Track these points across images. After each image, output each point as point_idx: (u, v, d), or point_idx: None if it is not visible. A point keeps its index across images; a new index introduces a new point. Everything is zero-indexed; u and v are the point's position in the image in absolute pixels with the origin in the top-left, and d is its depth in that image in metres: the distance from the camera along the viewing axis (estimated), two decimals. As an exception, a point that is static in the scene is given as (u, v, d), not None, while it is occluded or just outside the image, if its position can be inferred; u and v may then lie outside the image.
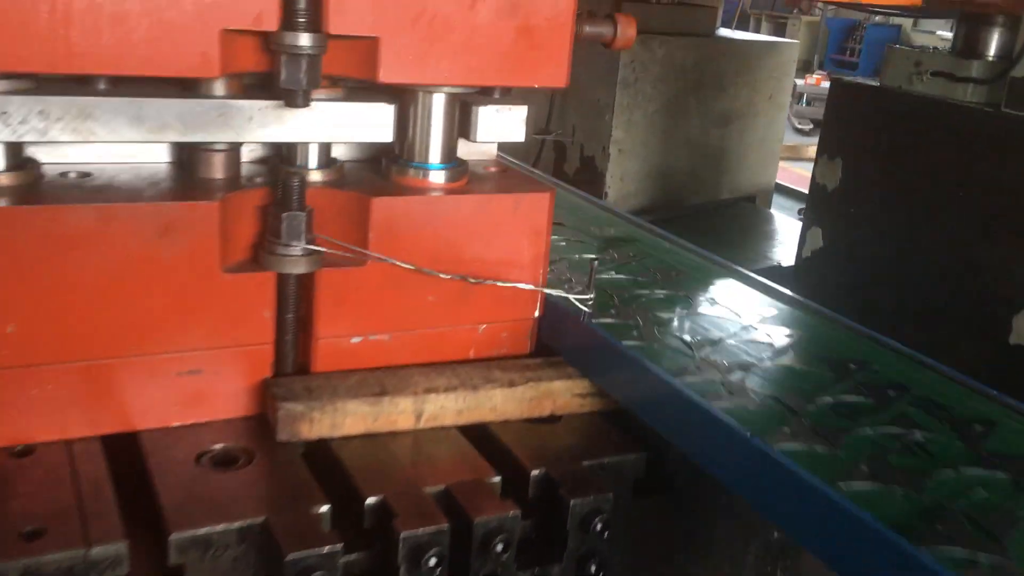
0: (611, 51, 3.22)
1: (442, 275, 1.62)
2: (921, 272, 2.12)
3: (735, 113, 3.54)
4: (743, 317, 1.83)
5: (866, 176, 2.23)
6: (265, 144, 1.70)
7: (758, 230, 3.33)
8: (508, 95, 1.75)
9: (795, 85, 15.94)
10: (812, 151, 10.08)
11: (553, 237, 2.19)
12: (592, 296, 1.70)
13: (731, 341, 1.70)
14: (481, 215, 1.67)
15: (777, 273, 2.80)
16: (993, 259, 2.08)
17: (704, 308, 1.88)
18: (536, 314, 1.80)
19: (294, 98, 1.46)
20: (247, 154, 1.70)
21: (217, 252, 1.46)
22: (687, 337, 1.69)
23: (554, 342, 1.80)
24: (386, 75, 1.49)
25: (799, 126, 13.05)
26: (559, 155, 3.55)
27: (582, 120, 3.42)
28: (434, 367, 1.68)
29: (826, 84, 14.74)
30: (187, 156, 1.58)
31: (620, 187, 3.35)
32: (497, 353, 1.78)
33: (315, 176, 1.64)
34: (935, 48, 2.57)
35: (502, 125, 1.70)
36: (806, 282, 2.50)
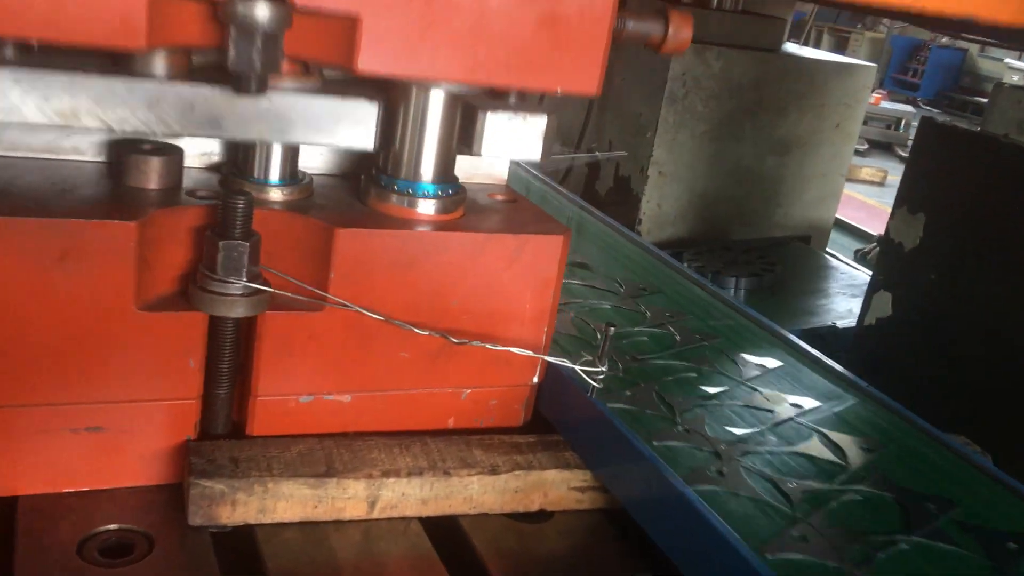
0: (659, 60, 2.92)
1: (418, 330, 1.33)
2: (1017, 362, 1.79)
3: (796, 141, 3.20)
4: (799, 410, 1.54)
5: (954, 238, 1.91)
6: (224, 145, 1.42)
7: (812, 277, 3.00)
8: (525, 101, 1.45)
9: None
10: (865, 173, 9.54)
11: (573, 280, 1.90)
12: (604, 369, 1.40)
13: (779, 447, 1.39)
14: (475, 258, 1.38)
15: (832, 337, 2.48)
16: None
17: (749, 392, 1.58)
18: (535, 380, 1.50)
19: (245, 83, 1.17)
20: (198, 158, 1.43)
21: (131, 285, 1.19)
22: (722, 435, 1.38)
23: (554, 415, 1.52)
24: (366, 63, 1.20)
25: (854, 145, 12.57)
26: (592, 172, 3.24)
27: (619, 135, 3.11)
28: (401, 439, 1.39)
29: (886, 104, 14.43)
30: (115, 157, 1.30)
31: (657, 214, 3.04)
32: (483, 423, 1.50)
33: (274, 194, 1.36)
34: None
35: (515, 138, 1.40)
36: (866, 355, 2.18)
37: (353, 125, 1.33)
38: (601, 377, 1.42)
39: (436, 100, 1.37)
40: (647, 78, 2.90)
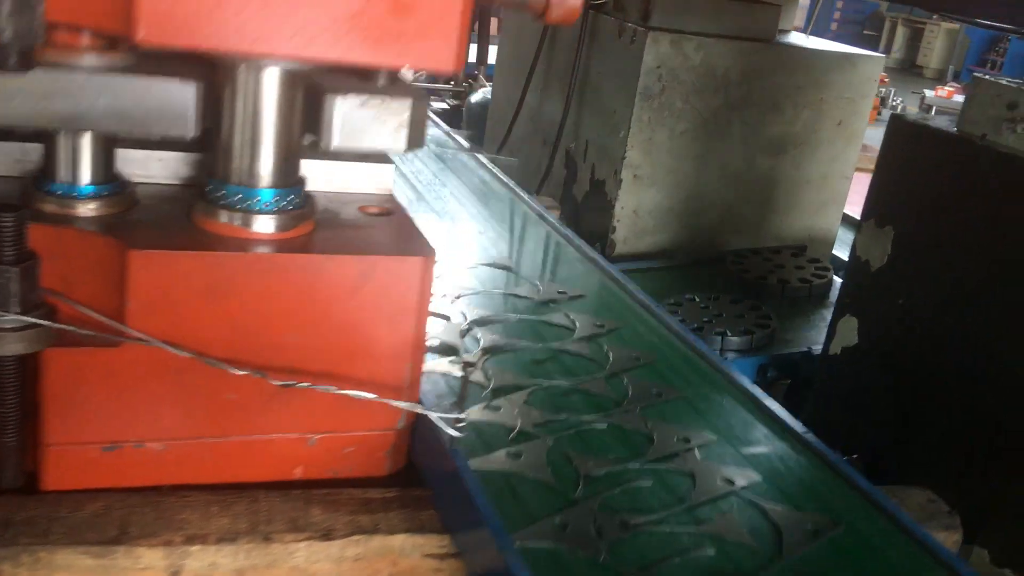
0: (631, 50, 2.68)
1: (233, 370, 1.14)
2: (996, 399, 1.54)
3: (792, 140, 2.94)
4: (721, 471, 1.26)
5: (926, 255, 1.67)
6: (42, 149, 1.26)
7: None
8: (398, 83, 1.25)
9: (924, 96, 15.00)
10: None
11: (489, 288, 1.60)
12: (464, 417, 1.19)
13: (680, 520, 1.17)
14: (310, 285, 1.20)
15: (805, 365, 2.22)
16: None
17: (656, 448, 1.30)
18: (400, 425, 1.30)
19: (1, 57, 0.98)
20: (13, 164, 1.27)
21: None
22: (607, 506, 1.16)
23: (426, 465, 1.31)
24: (149, 31, 1.03)
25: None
26: (570, 174, 3.02)
27: (596, 134, 2.88)
28: (226, 495, 1.22)
29: (959, 98, 13.81)
30: None
31: (633, 222, 2.80)
32: (340, 473, 1.31)
33: (79, 208, 1.19)
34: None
35: (371, 126, 1.20)
36: (831, 388, 1.93)
37: (162, 111, 1.14)
38: (462, 425, 1.21)
39: (270, 81, 1.18)
40: (619, 70, 2.67)
